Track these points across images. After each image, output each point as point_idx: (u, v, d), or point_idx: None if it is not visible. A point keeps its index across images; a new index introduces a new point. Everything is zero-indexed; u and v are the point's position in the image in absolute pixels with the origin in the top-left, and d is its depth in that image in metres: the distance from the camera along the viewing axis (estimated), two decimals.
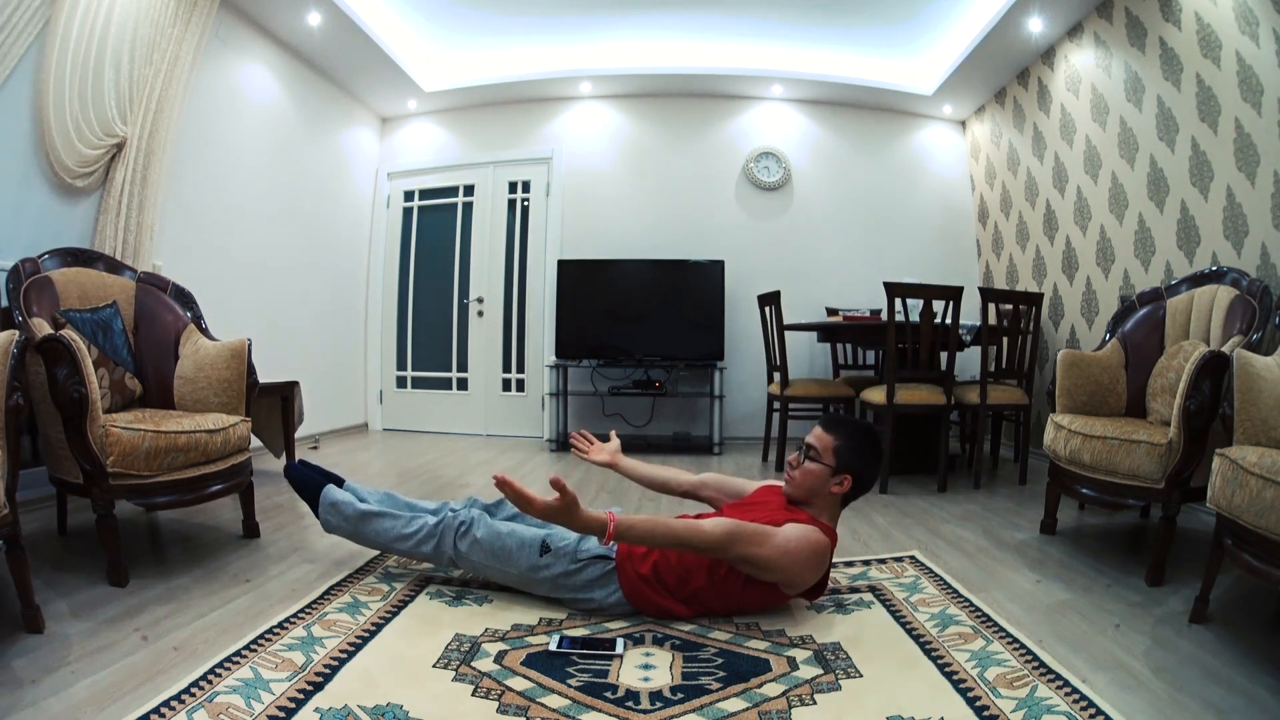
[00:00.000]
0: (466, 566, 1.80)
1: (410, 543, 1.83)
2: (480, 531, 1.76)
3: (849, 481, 1.75)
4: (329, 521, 1.92)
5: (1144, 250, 3.26)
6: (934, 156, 5.20)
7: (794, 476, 1.79)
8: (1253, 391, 1.69)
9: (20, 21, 2.43)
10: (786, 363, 3.77)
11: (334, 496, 1.93)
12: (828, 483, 1.75)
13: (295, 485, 2.02)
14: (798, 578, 1.62)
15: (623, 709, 1.25)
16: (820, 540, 1.63)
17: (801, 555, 1.59)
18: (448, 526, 1.80)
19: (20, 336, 1.56)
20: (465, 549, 1.76)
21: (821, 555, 1.63)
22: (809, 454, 1.77)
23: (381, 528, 1.86)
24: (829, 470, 1.74)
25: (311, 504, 1.97)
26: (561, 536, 1.74)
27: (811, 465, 1.76)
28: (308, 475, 2.02)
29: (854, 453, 1.75)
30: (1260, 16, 2.54)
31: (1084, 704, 1.24)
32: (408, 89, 4.87)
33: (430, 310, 5.32)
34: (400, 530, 1.84)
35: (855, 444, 1.76)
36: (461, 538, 1.77)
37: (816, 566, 1.63)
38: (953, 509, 2.87)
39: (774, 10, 4.29)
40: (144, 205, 2.99)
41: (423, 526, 1.82)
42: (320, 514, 1.94)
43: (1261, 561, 1.49)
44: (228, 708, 1.19)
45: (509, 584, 1.79)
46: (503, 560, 1.74)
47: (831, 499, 1.77)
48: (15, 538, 1.49)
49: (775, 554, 1.57)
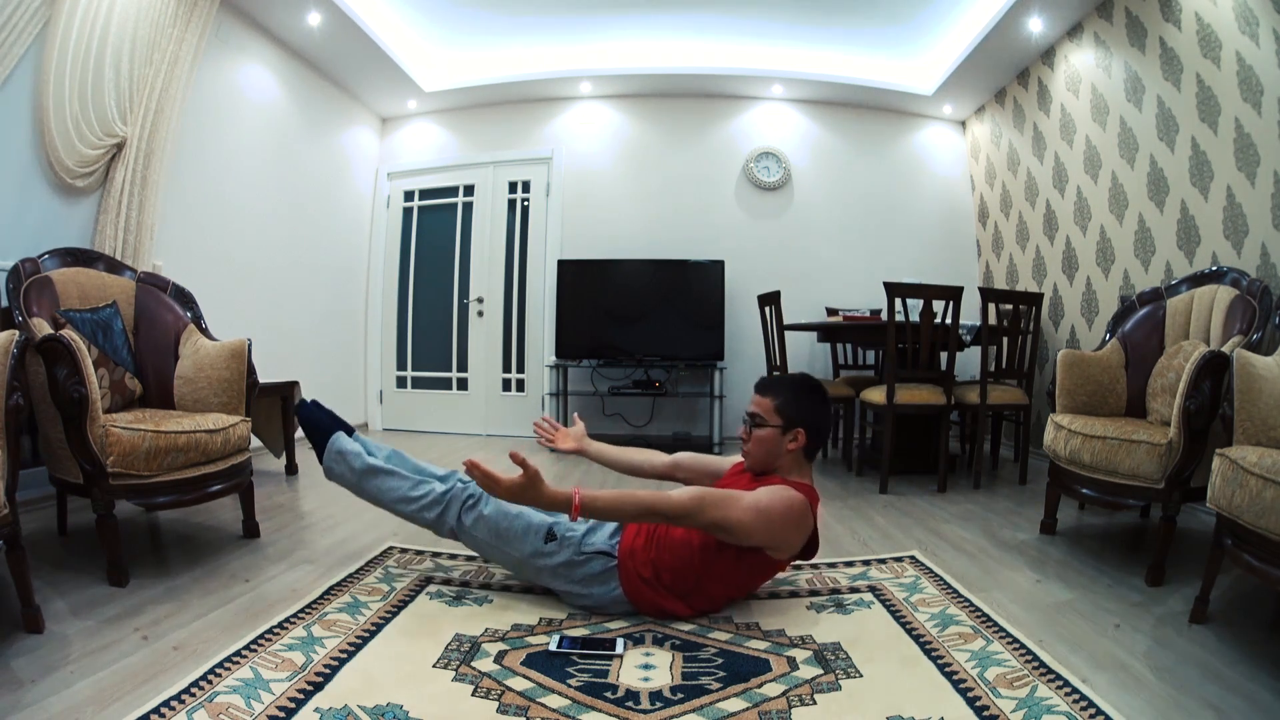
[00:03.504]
0: (466, 541, 1.78)
1: (413, 506, 1.79)
2: (489, 508, 1.74)
3: (802, 435, 1.73)
4: (332, 469, 1.88)
5: (1144, 250, 3.26)
6: (934, 156, 5.20)
7: (748, 449, 1.77)
8: (1253, 391, 1.69)
9: (20, 21, 2.43)
10: (786, 363, 3.77)
11: (342, 445, 1.89)
12: (781, 443, 1.73)
13: (304, 425, 1.97)
14: (781, 537, 1.61)
15: (623, 709, 1.25)
16: (793, 496, 1.62)
17: (776, 512, 1.58)
18: (455, 497, 1.77)
19: (20, 336, 1.56)
20: (470, 523, 1.74)
21: (800, 511, 1.62)
22: (754, 421, 1.76)
23: (386, 485, 1.82)
24: (778, 430, 1.73)
25: (318, 447, 1.92)
26: (568, 526, 1.72)
27: (759, 431, 1.75)
28: (319, 417, 1.97)
29: (796, 405, 1.74)
30: (1260, 16, 2.54)
31: (1084, 704, 1.24)
32: (408, 89, 4.87)
33: (430, 310, 5.32)
34: (405, 492, 1.80)
35: (794, 396, 1.76)
36: (468, 510, 1.75)
37: (798, 523, 1.62)
38: (953, 509, 2.87)
39: (774, 10, 4.30)
40: (144, 205, 2.99)
41: (429, 492, 1.79)
42: (325, 459, 1.90)
43: (1261, 561, 1.49)
44: (228, 708, 1.19)
45: (506, 566, 1.77)
46: (506, 541, 1.72)
47: (792, 458, 1.75)
48: (15, 538, 1.49)
49: (749, 515, 1.55)
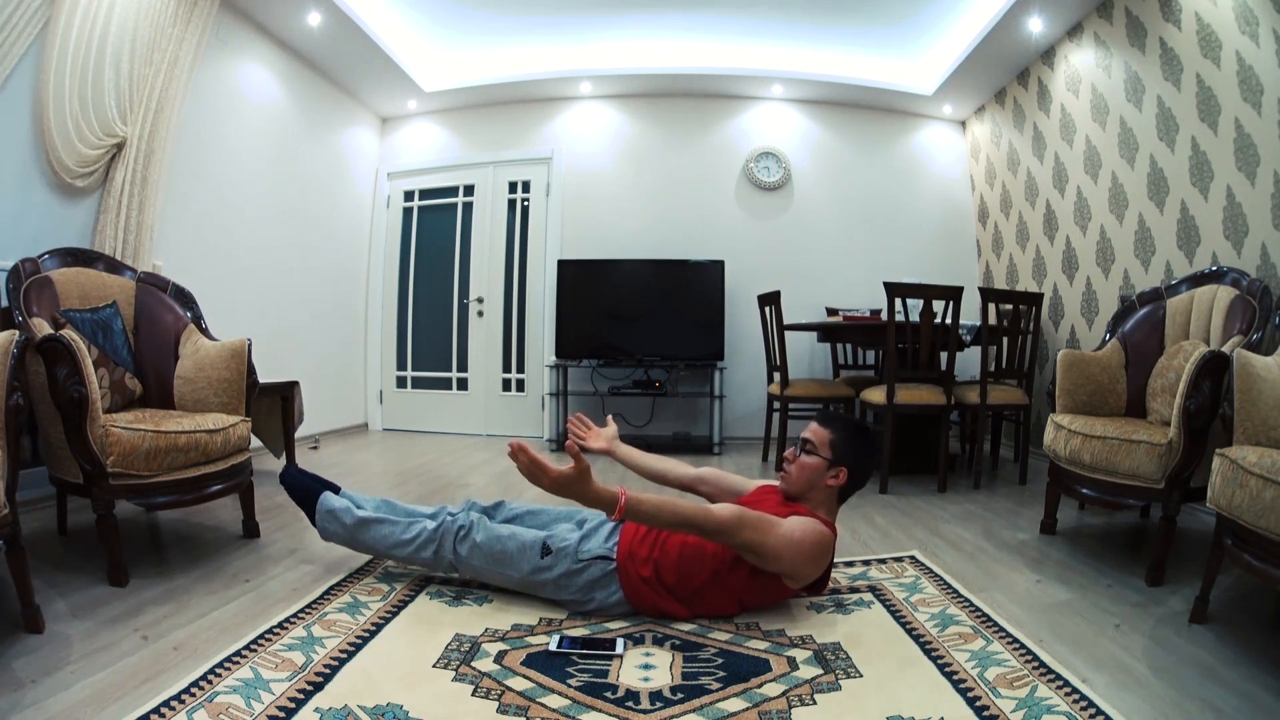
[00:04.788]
0: (466, 571, 1.79)
1: (409, 549, 1.81)
2: (480, 535, 1.76)
3: (844, 474, 1.76)
4: (326, 529, 1.91)
5: (1144, 250, 3.26)
6: (934, 156, 5.20)
7: (790, 471, 1.80)
8: (1253, 391, 1.69)
9: (20, 21, 2.43)
10: (786, 363, 3.77)
11: (331, 504, 1.92)
12: (824, 475, 1.76)
13: (291, 492, 2.00)
14: (802, 569, 1.62)
15: (623, 709, 1.25)
16: (824, 532, 1.64)
17: (805, 545, 1.60)
18: (446, 531, 1.79)
19: (20, 336, 1.56)
20: (465, 553, 1.76)
21: (825, 548, 1.64)
22: (805, 447, 1.79)
23: (380, 534, 1.85)
24: (826, 463, 1.76)
25: (308, 511, 1.95)
26: (561, 538, 1.73)
27: (808, 459, 1.78)
28: (304, 482, 2.00)
29: (849, 445, 1.78)
30: (1260, 16, 2.54)
31: (1084, 704, 1.24)
32: (408, 89, 4.87)
33: (430, 310, 5.32)
34: (399, 536, 1.83)
35: (850, 437, 1.79)
36: (461, 542, 1.76)
37: (820, 558, 1.64)
38: (953, 509, 2.87)
39: (774, 10, 4.30)
40: (144, 205, 2.99)
41: (421, 532, 1.81)
42: (317, 521, 1.92)
43: (1261, 561, 1.49)
44: (228, 708, 1.19)
45: (511, 588, 1.78)
46: (504, 564, 1.73)
47: (828, 493, 1.78)
48: (15, 538, 1.49)
49: (780, 542, 1.57)
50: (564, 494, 1.48)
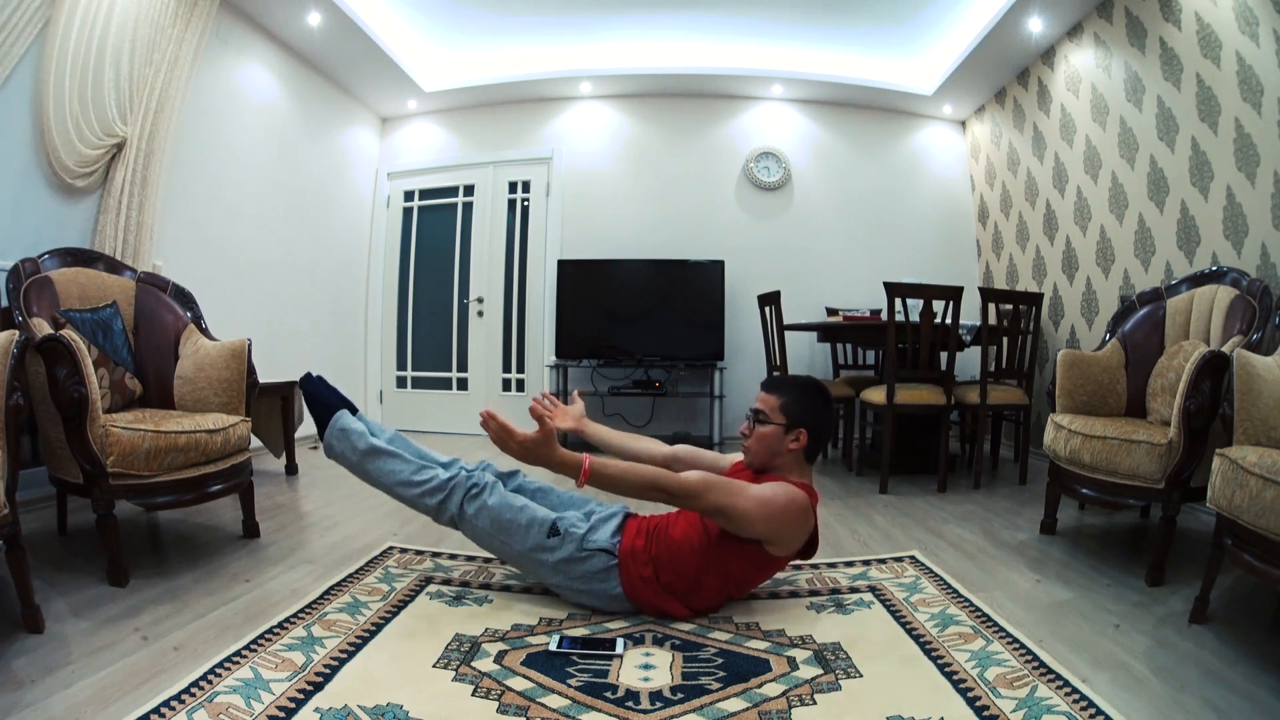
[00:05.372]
0: (466, 530, 1.76)
1: (415, 491, 1.77)
2: (493, 499, 1.73)
3: (805, 435, 1.73)
4: (334, 446, 1.86)
5: (1144, 250, 3.26)
6: (934, 156, 5.20)
7: (749, 445, 1.77)
8: (1253, 391, 1.69)
9: (20, 21, 2.43)
10: (786, 363, 3.77)
11: (346, 422, 1.86)
12: (783, 441, 1.73)
13: (308, 399, 1.94)
14: (781, 530, 1.61)
15: (623, 709, 1.25)
16: (795, 491, 1.62)
17: (778, 505, 1.59)
18: (459, 484, 1.75)
19: (20, 336, 1.56)
20: (472, 512, 1.73)
21: (802, 509, 1.62)
22: (758, 418, 1.76)
23: (388, 468, 1.80)
24: (781, 428, 1.73)
25: (320, 423, 1.90)
26: (572, 523, 1.72)
27: (762, 428, 1.75)
28: (324, 392, 1.94)
29: (801, 404, 1.75)
30: (1260, 16, 2.54)
31: (1084, 704, 1.24)
32: (408, 89, 4.87)
33: (430, 310, 5.32)
34: (408, 476, 1.78)
35: (800, 395, 1.76)
36: (471, 499, 1.73)
37: (799, 520, 1.63)
38: (953, 509, 2.87)
39: (774, 10, 4.29)
40: (144, 205, 2.99)
41: (432, 478, 1.77)
42: (326, 436, 1.87)
43: (1261, 561, 1.49)
44: (228, 708, 1.19)
45: (503, 558, 1.76)
46: (508, 533, 1.71)
47: (792, 457, 1.75)
48: (15, 538, 1.49)
49: (752, 504, 1.57)
50: (530, 459, 1.51)
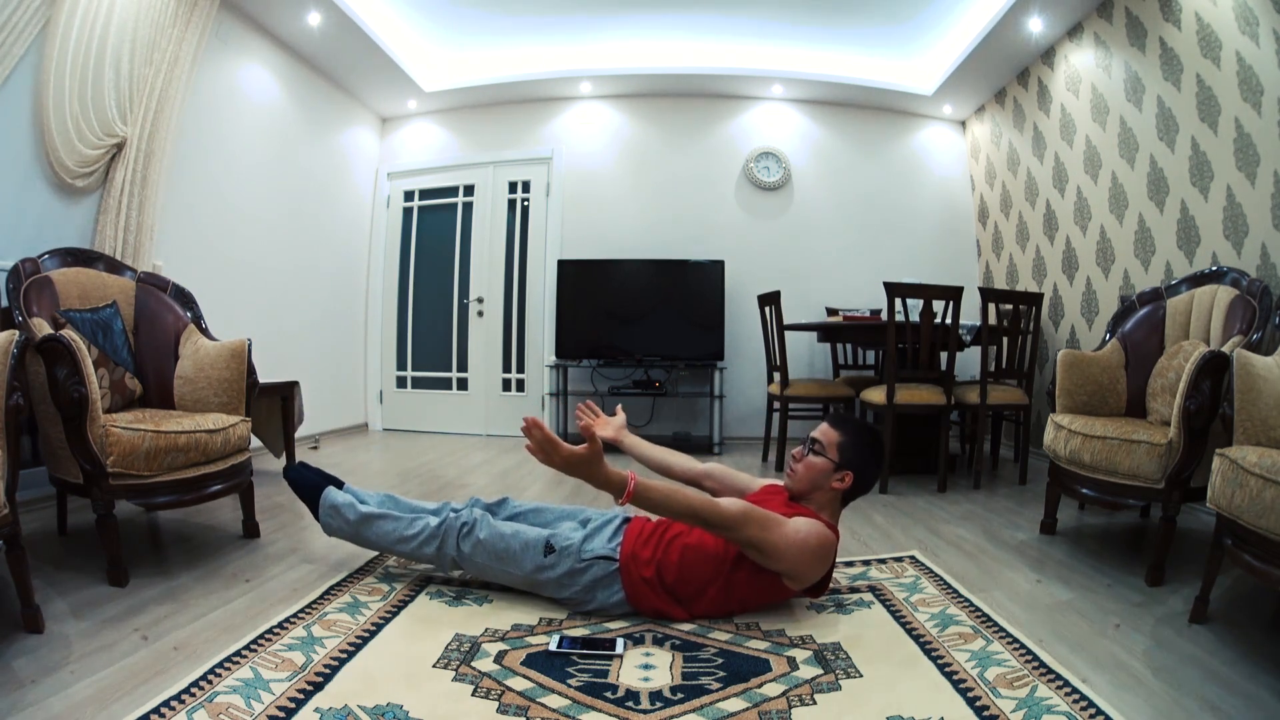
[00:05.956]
0: (469, 569, 1.79)
1: (412, 544, 1.82)
2: (484, 532, 1.75)
3: (850, 478, 1.76)
4: (329, 524, 1.92)
5: (1144, 250, 3.26)
6: (934, 156, 5.20)
7: (796, 470, 1.80)
8: (1253, 391, 1.69)
9: (20, 21, 2.43)
10: (786, 363, 3.77)
11: (334, 499, 1.92)
12: (829, 478, 1.76)
13: (295, 487, 2.00)
14: (804, 569, 1.62)
15: (623, 709, 1.25)
16: (827, 535, 1.64)
17: (809, 545, 1.60)
18: (450, 528, 1.79)
19: (20, 336, 1.56)
20: (469, 550, 1.76)
21: (828, 550, 1.64)
22: (813, 448, 1.79)
23: (383, 530, 1.85)
24: (832, 465, 1.76)
25: (311, 506, 1.96)
26: (565, 537, 1.73)
27: (815, 459, 1.77)
28: (307, 477, 2.01)
29: (857, 450, 1.77)
30: (1260, 16, 2.54)
31: (1084, 704, 1.24)
32: (408, 89, 4.87)
33: (430, 310, 5.32)
34: (402, 532, 1.83)
35: (859, 441, 1.79)
36: (464, 539, 1.76)
37: (822, 560, 1.64)
38: (953, 509, 2.87)
39: (774, 10, 4.29)
40: (144, 205, 2.99)
41: (425, 528, 1.81)
42: (320, 516, 1.93)
43: (1261, 561, 1.49)
44: (228, 708, 1.19)
45: (513, 585, 1.78)
46: (506, 561, 1.73)
47: (832, 495, 1.78)
48: (15, 538, 1.49)
49: (784, 541, 1.57)
50: (574, 473, 1.49)
